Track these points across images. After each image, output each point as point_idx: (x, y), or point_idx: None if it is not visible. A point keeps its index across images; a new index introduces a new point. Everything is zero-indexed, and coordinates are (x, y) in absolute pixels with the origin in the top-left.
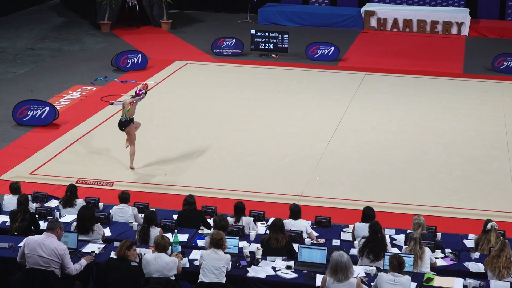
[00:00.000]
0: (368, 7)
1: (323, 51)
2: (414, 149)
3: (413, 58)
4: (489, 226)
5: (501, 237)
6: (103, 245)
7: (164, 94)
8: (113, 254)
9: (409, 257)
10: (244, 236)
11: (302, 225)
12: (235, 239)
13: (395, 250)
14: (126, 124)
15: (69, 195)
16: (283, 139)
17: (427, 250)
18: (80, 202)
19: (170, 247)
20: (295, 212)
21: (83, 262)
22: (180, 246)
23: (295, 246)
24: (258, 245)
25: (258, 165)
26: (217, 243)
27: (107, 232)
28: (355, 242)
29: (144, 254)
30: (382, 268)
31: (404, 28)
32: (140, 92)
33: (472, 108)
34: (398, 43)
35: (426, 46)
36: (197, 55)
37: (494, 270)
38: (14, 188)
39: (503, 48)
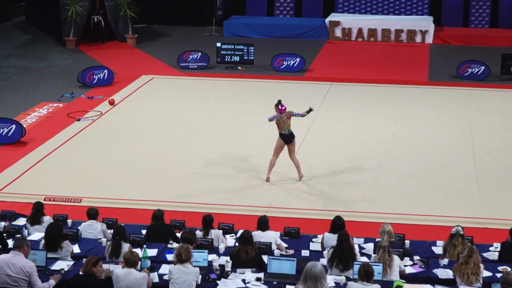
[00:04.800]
0: (332, 17)
1: (289, 62)
2: (381, 157)
3: (378, 67)
4: (453, 230)
5: (469, 243)
6: (72, 262)
7: (131, 109)
8: (80, 271)
9: (378, 265)
10: (213, 249)
11: (271, 236)
12: (204, 252)
13: (364, 259)
14: (291, 137)
15: (35, 212)
16: (251, 150)
17: (396, 258)
18: (47, 219)
19: (140, 262)
20: (263, 223)
21: (52, 282)
22: (149, 261)
23: (265, 257)
24: (228, 258)
25: (227, 178)
26: (177, 259)
27: (76, 249)
28: (324, 252)
29: (114, 269)
30: (351, 278)
31: (368, 38)
32: (282, 109)
33: (438, 115)
34: (363, 52)
35: (391, 55)
36: (163, 69)
37: (462, 276)
38: None
39: (467, 55)
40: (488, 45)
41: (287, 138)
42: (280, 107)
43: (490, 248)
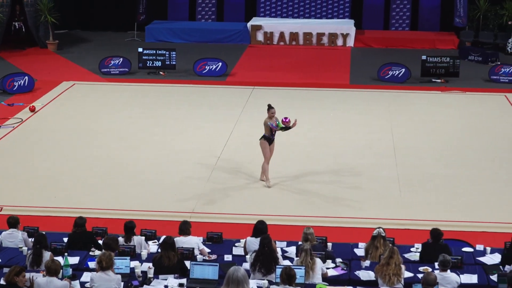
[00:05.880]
0: (254, 21)
1: (211, 67)
2: (304, 160)
3: (300, 71)
4: (375, 232)
5: (390, 244)
6: None
7: (52, 116)
8: (2, 281)
9: (301, 268)
10: (135, 256)
11: (194, 242)
12: (126, 259)
13: (286, 262)
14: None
15: None
16: (174, 155)
17: (318, 260)
18: None
19: (61, 270)
20: (185, 229)
21: None
22: (71, 269)
23: (187, 263)
24: (150, 264)
25: (150, 183)
26: (98, 266)
27: None
28: (247, 256)
29: (36, 278)
30: (274, 281)
31: (290, 41)
32: (287, 121)
33: (360, 118)
34: (285, 56)
35: (313, 58)
36: (85, 75)
37: (384, 277)
38: None
39: (388, 57)
40: (409, 48)
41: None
42: (284, 119)
43: (411, 249)
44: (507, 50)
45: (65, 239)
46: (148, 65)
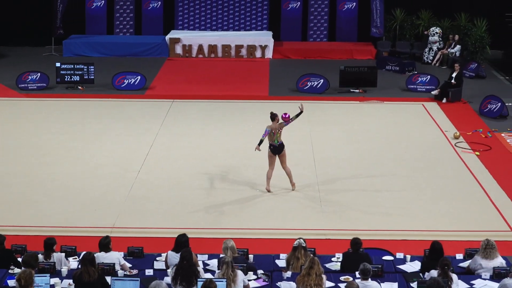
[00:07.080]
0: (172, 34)
1: (130, 81)
2: (226, 173)
3: (219, 83)
4: (296, 243)
5: (311, 255)
6: None
7: None
8: None
9: (222, 281)
10: (55, 273)
11: (115, 257)
12: (46, 276)
13: (208, 275)
14: (280, 148)
15: None
16: (94, 170)
17: (239, 273)
18: None
19: None
20: (105, 244)
21: None
22: None
23: (108, 278)
24: (70, 281)
25: (69, 199)
26: (18, 284)
27: None
28: (168, 270)
29: None
30: None
31: (209, 54)
32: (286, 116)
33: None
34: (204, 69)
35: (232, 71)
36: (2, 90)
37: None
38: None
39: (307, 68)
40: (327, 58)
41: (276, 149)
42: (284, 115)
43: (332, 259)
44: (424, 60)
45: None
46: (66, 79)
